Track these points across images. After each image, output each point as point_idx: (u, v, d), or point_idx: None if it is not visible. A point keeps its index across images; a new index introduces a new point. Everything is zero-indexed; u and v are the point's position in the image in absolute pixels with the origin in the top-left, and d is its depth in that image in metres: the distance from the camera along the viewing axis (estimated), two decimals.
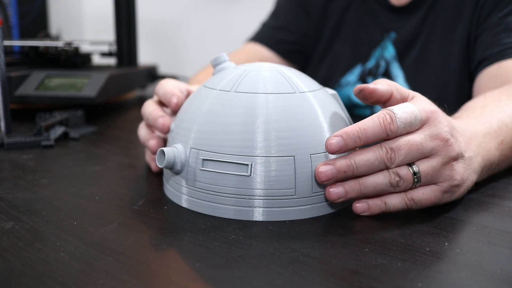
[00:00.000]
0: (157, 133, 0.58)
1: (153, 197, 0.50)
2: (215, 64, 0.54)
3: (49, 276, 0.34)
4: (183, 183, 0.47)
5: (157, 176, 0.57)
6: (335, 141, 0.42)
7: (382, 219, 0.45)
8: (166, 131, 0.54)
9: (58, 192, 0.51)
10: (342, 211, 0.48)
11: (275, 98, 0.46)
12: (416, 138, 0.43)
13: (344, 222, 0.45)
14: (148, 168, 0.60)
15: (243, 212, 0.45)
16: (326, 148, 0.43)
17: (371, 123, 0.43)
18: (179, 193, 0.48)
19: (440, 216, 0.46)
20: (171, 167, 0.47)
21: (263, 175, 0.44)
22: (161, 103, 0.59)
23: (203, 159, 0.45)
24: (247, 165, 0.44)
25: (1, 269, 0.35)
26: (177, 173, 0.48)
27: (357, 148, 0.44)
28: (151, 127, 0.58)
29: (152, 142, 0.55)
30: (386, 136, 0.43)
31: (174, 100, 0.55)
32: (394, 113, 0.43)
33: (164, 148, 0.46)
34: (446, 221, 0.45)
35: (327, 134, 0.46)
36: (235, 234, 0.42)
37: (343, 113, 0.51)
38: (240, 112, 0.45)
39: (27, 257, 0.37)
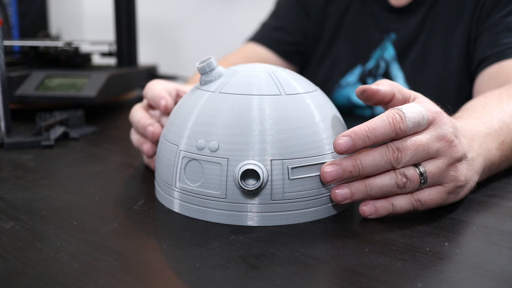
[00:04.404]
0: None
1: (153, 197, 0.50)
2: (204, 72, 0.48)
3: (49, 276, 0.34)
4: (264, 200, 0.43)
5: None
6: (343, 141, 0.42)
7: (382, 220, 0.45)
8: (157, 139, 0.54)
9: (58, 192, 0.51)
10: (342, 211, 0.48)
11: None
12: (422, 138, 0.43)
13: (344, 222, 0.45)
14: (148, 168, 0.60)
15: (321, 211, 0.45)
16: (334, 148, 0.42)
17: (380, 123, 0.42)
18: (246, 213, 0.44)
19: (440, 216, 0.46)
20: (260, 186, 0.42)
21: None
22: (150, 106, 0.60)
23: (292, 168, 0.43)
24: None
25: (1, 269, 0.35)
26: (260, 190, 0.43)
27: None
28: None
29: (146, 147, 0.56)
30: (395, 136, 0.42)
31: (163, 103, 0.55)
32: (403, 113, 0.42)
33: (254, 169, 0.42)
34: (446, 221, 0.45)
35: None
36: (235, 234, 0.42)
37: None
38: (307, 114, 0.45)
39: (27, 257, 0.37)
